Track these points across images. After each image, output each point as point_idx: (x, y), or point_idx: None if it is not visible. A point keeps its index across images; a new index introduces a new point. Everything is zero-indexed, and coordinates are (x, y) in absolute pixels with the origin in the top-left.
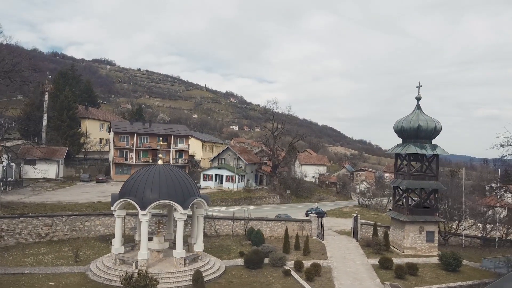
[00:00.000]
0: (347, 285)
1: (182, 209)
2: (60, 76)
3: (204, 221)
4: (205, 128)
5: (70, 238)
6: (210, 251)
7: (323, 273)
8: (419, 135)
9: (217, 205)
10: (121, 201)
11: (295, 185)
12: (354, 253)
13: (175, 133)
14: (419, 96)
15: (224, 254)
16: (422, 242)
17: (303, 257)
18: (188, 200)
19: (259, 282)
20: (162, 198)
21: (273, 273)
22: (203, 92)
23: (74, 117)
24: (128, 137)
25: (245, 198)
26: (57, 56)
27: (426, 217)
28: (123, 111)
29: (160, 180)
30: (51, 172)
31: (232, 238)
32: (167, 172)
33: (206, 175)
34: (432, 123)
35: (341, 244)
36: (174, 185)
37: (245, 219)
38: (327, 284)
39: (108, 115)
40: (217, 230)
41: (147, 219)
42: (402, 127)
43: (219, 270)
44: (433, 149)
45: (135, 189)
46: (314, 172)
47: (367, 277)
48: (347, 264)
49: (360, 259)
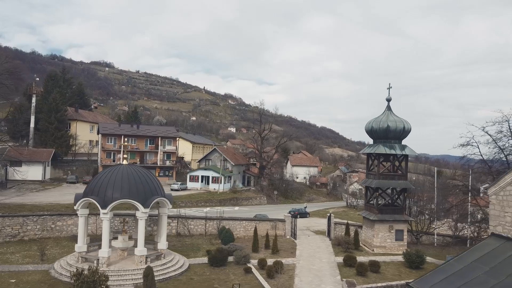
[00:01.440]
0: (307, 281)
1: (142, 208)
2: (49, 78)
3: (177, 221)
4: (202, 130)
5: (42, 238)
6: (179, 249)
7: (286, 270)
8: (388, 135)
9: (201, 206)
10: (83, 200)
11: (284, 186)
12: (323, 252)
13: (162, 134)
14: (389, 97)
15: (192, 253)
16: (391, 241)
17: (271, 255)
18: (149, 199)
19: (219, 279)
20: (124, 198)
21: (236, 271)
22: (202, 94)
23: (62, 119)
24: (116, 139)
25: (231, 199)
26: (56, 58)
27: (395, 216)
28: (119, 113)
29: (123, 180)
30: (37, 173)
31: (205, 237)
32: (130, 172)
33: (193, 176)
34: (401, 124)
35: (313, 243)
36: (136, 185)
37: (218, 219)
38: (287, 281)
39: (99, 117)
40: (190, 230)
41: (108, 218)
42: (372, 128)
43: (182, 267)
44: (402, 149)
45: (97, 188)
46: (304, 173)
47: (328, 274)
48: (313, 262)
49: (327, 257)
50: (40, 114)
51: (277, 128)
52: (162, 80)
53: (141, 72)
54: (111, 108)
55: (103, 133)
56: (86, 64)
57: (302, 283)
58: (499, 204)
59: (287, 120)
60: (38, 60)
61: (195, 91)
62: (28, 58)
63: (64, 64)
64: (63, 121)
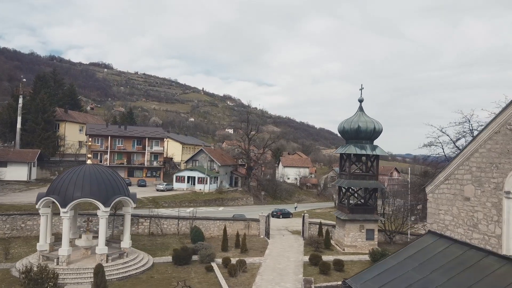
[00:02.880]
0: (268, 280)
1: (103, 207)
2: (38, 79)
3: (150, 220)
4: (198, 131)
5: (11, 237)
6: (148, 248)
7: (251, 269)
8: (359, 136)
9: (185, 206)
10: (45, 199)
11: (274, 187)
12: (293, 251)
13: (150, 135)
14: (361, 98)
15: (160, 252)
16: (362, 240)
17: (239, 254)
18: (111, 198)
19: (179, 277)
20: (84, 197)
21: (198, 269)
22: (200, 95)
23: (49, 120)
24: (103, 140)
25: (216, 200)
26: (54, 59)
27: (366, 216)
28: (114, 114)
29: (84, 179)
30: (22, 174)
31: (177, 236)
32: (93, 172)
33: (179, 177)
34: (371, 125)
35: (286, 243)
36: (98, 184)
37: (191, 218)
38: (248, 279)
39: (90, 118)
40: (163, 229)
41: (68, 216)
42: (343, 128)
43: (144, 266)
44: (372, 149)
45: (59, 187)
46: (295, 174)
47: (291, 273)
48: (280, 261)
49: (296, 256)
50: (29, 115)
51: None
52: (160, 81)
53: (140, 73)
54: (107, 109)
55: (90, 133)
56: (84, 65)
57: (262, 281)
58: (435, 202)
59: (285, 121)
60: (36, 61)
61: (194, 92)
62: (27, 59)
63: (63, 65)
64: (50, 122)
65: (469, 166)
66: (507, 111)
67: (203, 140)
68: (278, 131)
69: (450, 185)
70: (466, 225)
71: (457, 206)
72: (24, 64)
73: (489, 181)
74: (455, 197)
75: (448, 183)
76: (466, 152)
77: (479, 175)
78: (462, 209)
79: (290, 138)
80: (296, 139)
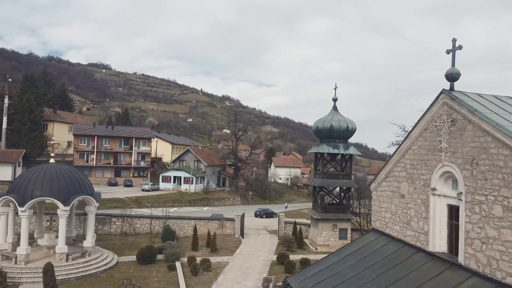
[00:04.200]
0: (231, 279)
1: (62, 206)
2: (25, 79)
3: (123, 219)
4: (195, 132)
5: None
6: (116, 248)
7: (216, 268)
8: (332, 135)
9: (168, 206)
10: (3, 198)
11: (264, 187)
12: (265, 250)
13: (137, 135)
14: (335, 97)
15: (128, 251)
16: (335, 239)
17: (209, 254)
18: (71, 197)
19: (140, 276)
20: (44, 196)
21: (161, 268)
22: (199, 95)
23: (36, 120)
24: (89, 140)
25: (202, 200)
26: (53, 60)
27: (339, 215)
28: (110, 115)
29: (45, 178)
30: (6, 174)
31: (150, 236)
32: (54, 171)
33: (165, 177)
34: (344, 124)
35: (260, 242)
36: (59, 183)
37: (164, 218)
38: (210, 278)
39: (80, 118)
40: (136, 229)
41: (26, 215)
42: (317, 128)
43: (107, 265)
44: (345, 148)
45: (19, 186)
46: (286, 174)
47: (256, 272)
48: (248, 260)
49: (265, 255)
50: (16, 115)
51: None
52: (159, 82)
53: (138, 74)
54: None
55: (76, 133)
56: (83, 66)
57: (225, 280)
58: (378, 199)
59: (284, 122)
60: (34, 61)
61: (192, 92)
62: (25, 60)
63: (61, 66)
64: (37, 122)
65: (404, 164)
66: (433, 108)
67: (199, 141)
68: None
69: (390, 182)
70: (401, 222)
71: (395, 204)
72: (22, 64)
73: (419, 178)
74: (393, 195)
75: (388, 180)
76: (401, 149)
77: (412, 172)
78: (399, 206)
79: (288, 139)
80: (293, 139)
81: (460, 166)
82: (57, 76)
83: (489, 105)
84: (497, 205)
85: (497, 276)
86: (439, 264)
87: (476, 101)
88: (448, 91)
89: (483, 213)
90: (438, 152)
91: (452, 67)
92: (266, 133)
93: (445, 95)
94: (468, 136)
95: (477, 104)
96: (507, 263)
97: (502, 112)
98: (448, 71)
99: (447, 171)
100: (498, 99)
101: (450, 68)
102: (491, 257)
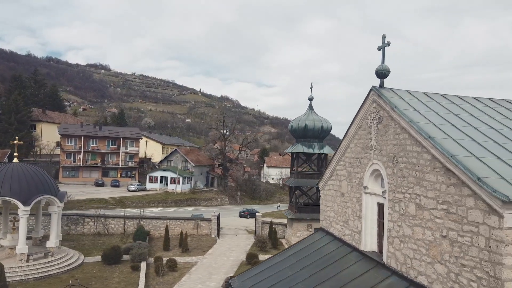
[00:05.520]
0: (195, 279)
1: (22, 206)
2: (13, 80)
3: (96, 220)
4: (191, 132)
5: None
6: (86, 248)
7: (183, 268)
8: (307, 134)
9: (153, 207)
10: None
11: (254, 187)
12: (238, 250)
13: (125, 135)
14: (311, 97)
15: (96, 251)
16: None
17: (180, 254)
18: (32, 198)
19: (101, 276)
20: (3, 196)
21: (125, 268)
22: (198, 96)
23: (23, 120)
24: (76, 140)
25: (188, 200)
26: (51, 61)
27: (314, 214)
28: (106, 115)
29: (5, 178)
30: None
31: (124, 236)
32: (16, 171)
33: (152, 177)
34: (319, 123)
35: (235, 242)
36: (20, 183)
37: (138, 218)
38: (174, 279)
39: (70, 118)
40: (110, 229)
41: None
42: (292, 127)
43: (70, 265)
44: (320, 148)
45: None
46: (277, 174)
47: (223, 272)
48: (218, 260)
49: (237, 255)
50: (3, 116)
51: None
52: (158, 83)
53: (137, 75)
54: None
55: (63, 134)
56: (82, 67)
57: (188, 280)
58: (324, 198)
59: (283, 122)
60: (33, 62)
61: (191, 93)
62: (23, 61)
63: (59, 67)
64: (24, 122)
65: (344, 162)
66: (365, 106)
67: (195, 141)
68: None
69: (333, 181)
70: (341, 221)
71: (337, 203)
72: (20, 65)
73: (355, 176)
74: (336, 193)
75: (332, 179)
76: (342, 147)
77: (350, 170)
78: (340, 205)
79: (286, 139)
80: (291, 140)
81: (385, 163)
82: (55, 77)
83: (413, 102)
84: (411, 203)
85: (411, 275)
86: (367, 263)
87: (402, 98)
88: (377, 88)
89: (401, 211)
90: (369, 150)
91: (382, 64)
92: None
93: (374, 92)
94: (390, 133)
95: (401, 101)
96: (418, 262)
97: (424, 109)
98: (377, 68)
99: (376, 169)
100: (427, 96)
101: (380, 65)
102: (407, 256)
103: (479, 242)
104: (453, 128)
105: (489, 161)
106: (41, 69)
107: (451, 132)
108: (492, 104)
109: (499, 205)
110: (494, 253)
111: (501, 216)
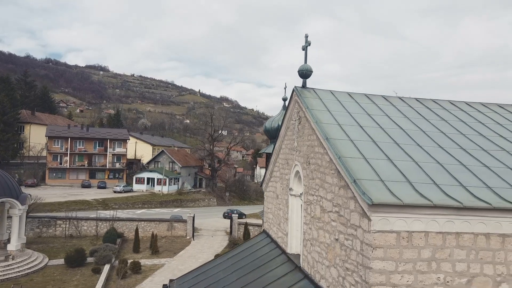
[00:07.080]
0: (158, 281)
1: None
2: (1, 81)
3: (68, 222)
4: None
5: None
6: (54, 251)
7: (147, 270)
8: None
9: (137, 208)
10: None
11: (244, 188)
12: (209, 252)
13: (112, 137)
14: (285, 97)
15: (63, 254)
16: None
17: (149, 256)
18: None
19: (61, 279)
20: None
21: (86, 271)
22: (197, 97)
23: (9, 122)
24: (63, 141)
25: (174, 201)
26: (50, 62)
27: None
28: (102, 117)
29: None
30: None
31: (96, 238)
32: None
33: (138, 178)
34: None
35: (209, 244)
36: None
37: (111, 220)
38: (137, 281)
39: (60, 120)
40: (83, 231)
41: None
42: (265, 128)
43: (32, 268)
44: None
45: None
46: None
47: None
48: (185, 262)
49: (207, 257)
50: None
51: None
52: (157, 84)
53: (136, 76)
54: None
55: (50, 135)
56: (80, 68)
57: (151, 283)
58: (266, 200)
59: None
60: (32, 64)
61: (190, 94)
62: (21, 62)
63: (58, 68)
64: (11, 124)
65: (279, 163)
66: (290, 106)
67: (192, 142)
68: None
69: (272, 182)
70: (276, 224)
71: (274, 204)
72: (19, 67)
73: (285, 177)
74: (273, 195)
75: (271, 180)
76: (277, 149)
77: (282, 172)
78: (276, 207)
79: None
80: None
81: (302, 165)
82: (54, 79)
83: (331, 102)
84: (318, 205)
85: (316, 278)
86: (288, 267)
87: (320, 98)
88: (298, 88)
89: (312, 214)
90: (293, 151)
91: (305, 64)
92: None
93: (295, 93)
94: (306, 134)
95: (318, 101)
96: (320, 265)
97: (339, 109)
98: (300, 68)
99: (297, 171)
100: (349, 96)
101: (302, 65)
102: (314, 259)
103: (357, 246)
104: (359, 129)
105: (376, 163)
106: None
107: (353, 133)
108: (415, 104)
109: (367, 208)
110: (364, 256)
111: (369, 219)
